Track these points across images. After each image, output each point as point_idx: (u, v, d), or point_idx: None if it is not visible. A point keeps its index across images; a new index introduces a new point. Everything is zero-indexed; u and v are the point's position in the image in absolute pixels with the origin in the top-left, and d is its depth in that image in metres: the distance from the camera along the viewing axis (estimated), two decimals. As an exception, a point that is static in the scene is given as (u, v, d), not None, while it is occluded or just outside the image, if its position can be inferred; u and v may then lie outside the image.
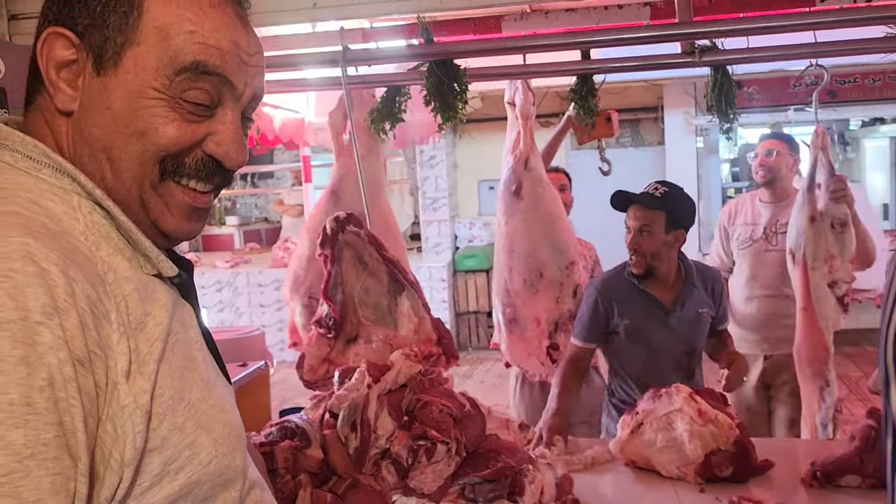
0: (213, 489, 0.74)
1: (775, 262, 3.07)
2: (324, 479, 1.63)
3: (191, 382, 0.74)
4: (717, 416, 1.89)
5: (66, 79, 0.74)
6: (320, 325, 2.17)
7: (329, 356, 2.18)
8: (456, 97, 2.25)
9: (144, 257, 0.75)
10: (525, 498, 1.60)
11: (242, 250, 8.88)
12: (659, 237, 2.37)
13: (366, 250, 2.24)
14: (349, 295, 2.22)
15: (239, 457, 0.78)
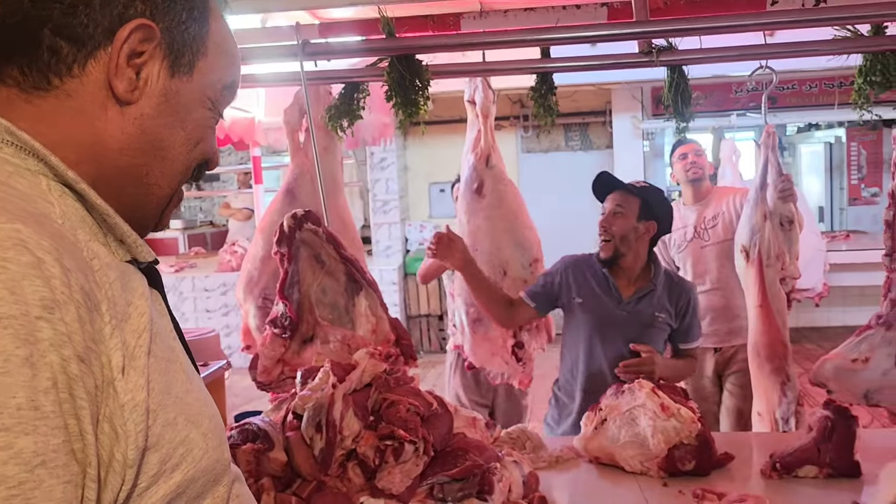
0: (205, 485, 0.71)
1: (713, 256, 3.25)
2: (287, 482, 1.58)
3: (174, 375, 0.70)
4: (680, 411, 1.91)
5: (133, 70, 0.72)
6: (275, 325, 2.12)
7: (284, 357, 2.13)
8: (418, 93, 2.22)
9: (118, 242, 0.71)
10: (494, 496, 1.58)
11: (187, 255, 8.66)
12: (630, 221, 2.39)
13: (323, 249, 2.19)
14: (305, 294, 2.17)
15: (226, 450, 0.76)
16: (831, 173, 8.67)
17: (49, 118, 0.69)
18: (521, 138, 8.37)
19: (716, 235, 3.26)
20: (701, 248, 3.29)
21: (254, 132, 4.59)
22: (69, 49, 0.69)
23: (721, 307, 3.23)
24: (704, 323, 3.24)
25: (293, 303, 2.14)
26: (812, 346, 6.98)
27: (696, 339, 2.55)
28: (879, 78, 2.26)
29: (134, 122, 0.73)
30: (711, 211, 3.30)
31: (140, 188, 0.75)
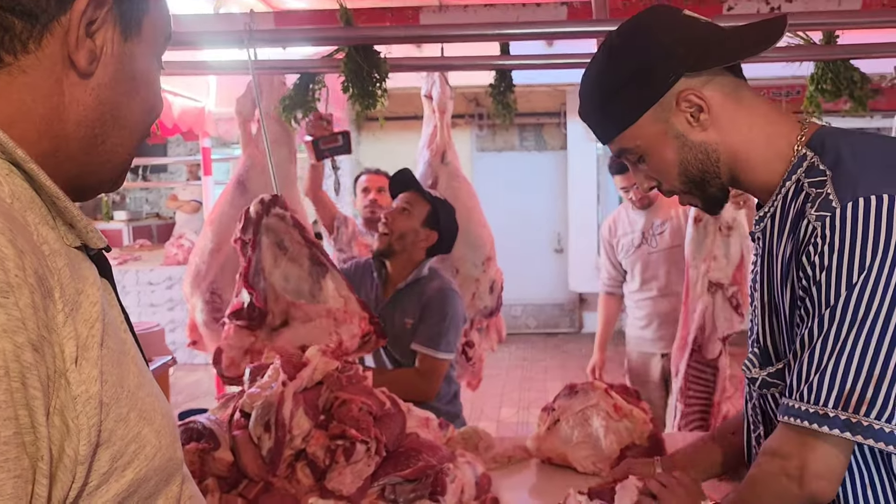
0: (158, 485, 0.68)
1: (661, 262, 3.24)
2: (233, 483, 1.53)
3: (127, 368, 0.66)
4: (633, 411, 1.91)
5: (91, 41, 0.68)
6: (239, 317, 2.05)
7: (253, 347, 2.05)
8: (375, 85, 2.18)
9: (68, 227, 0.66)
10: (447, 497, 1.55)
11: (131, 247, 8.42)
12: (413, 223, 2.35)
13: (287, 234, 2.13)
14: (269, 282, 2.11)
15: (178, 448, 0.72)
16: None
17: (2, 95, 0.65)
18: (476, 137, 8.37)
19: (664, 241, 3.24)
20: (649, 255, 3.28)
21: (204, 122, 4.46)
22: (23, 26, 0.64)
23: (667, 312, 3.23)
24: (651, 328, 3.28)
25: (259, 291, 2.07)
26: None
27: (433, 345, 2.31)
28: (830, 86, 2.31)
29: (91, 92, 0.69)
30: (660, 217, 3.28)
31: (97, 156, 0.72)
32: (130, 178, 9.93)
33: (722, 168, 1.17)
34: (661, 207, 3.30)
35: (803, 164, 1.10)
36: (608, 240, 3.45)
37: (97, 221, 9.46)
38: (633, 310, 3.40)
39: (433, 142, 2.68)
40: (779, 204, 1.13)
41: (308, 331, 2.02)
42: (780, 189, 1.13)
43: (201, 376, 6.55)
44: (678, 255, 3.16)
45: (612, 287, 3.48)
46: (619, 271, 3.43)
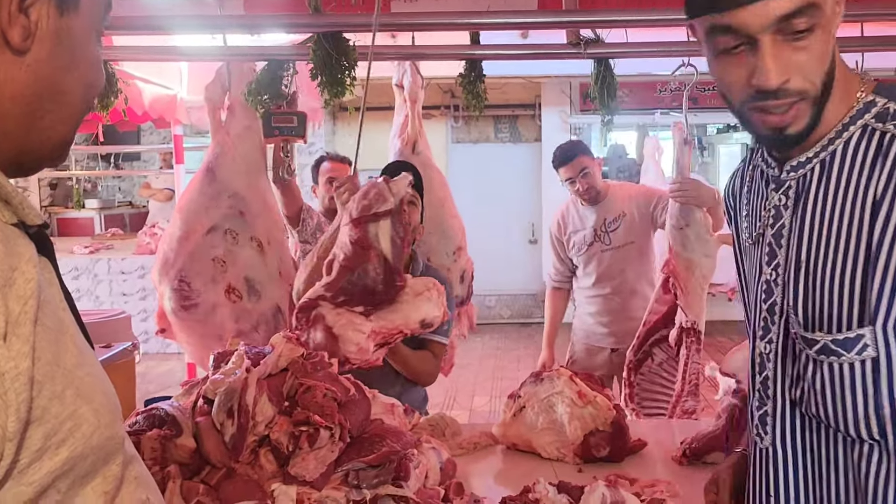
0: (95, 463, 0.67)
1: (615, 260, 3.17)
2: (195, 469, 1.52)
3: (64, 347, 0.65)
4: (597, 398, 1.94)
5: (24, 16, 0.67)
6: (353, 301, 1.94)
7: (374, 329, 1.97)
8: (344, 73, 2.17)
9: (3, 203, 0.65)
10: (410, 483, 1.56)
11: (103, 235, 8.32)
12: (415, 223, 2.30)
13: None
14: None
15: (119, 428, 0.72)
16: (747, 173, 9.02)
17: None
18: (452, 128, 8.37)
19: (617, 239, 3.16)
20: (602, 252, 3.20)
21: (175, 110, 4.42)
22: None
23: (619, 309, 3.19)
24: (603, 324, 3.24)
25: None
26: (724, 339, 7.26)
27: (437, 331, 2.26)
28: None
29: (27, 69, 0.68)
30: (612, 213, 3.18)
31: (35, 133, 0.71)
32: (102, 166, 9.80)
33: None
34: (614, 203, 3.19)
35: (871, 109, 1.05)
36: (557, 236, 3.35)
37: (67, 210, 9.33)
38: (584, 304, 3.32)
39: (404, 131, 2.67)
40: (838, 149, 1.05)
41: (416, 307, 1.98)
42: (841, 134, 1.05)
43: (174, 365, 6.50)
44: (632, 252, 3.14)
45: (559, 282, 3.40)
46: (567, 266, 3.35)
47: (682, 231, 2.60)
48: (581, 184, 3.14)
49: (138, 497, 0.74)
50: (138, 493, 0.74)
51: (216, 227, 2.57)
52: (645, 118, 7.48)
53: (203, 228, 2.57)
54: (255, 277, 2.60)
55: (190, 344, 2.66)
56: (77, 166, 9.36)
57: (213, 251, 2.56)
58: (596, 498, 1.39)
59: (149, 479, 0.79)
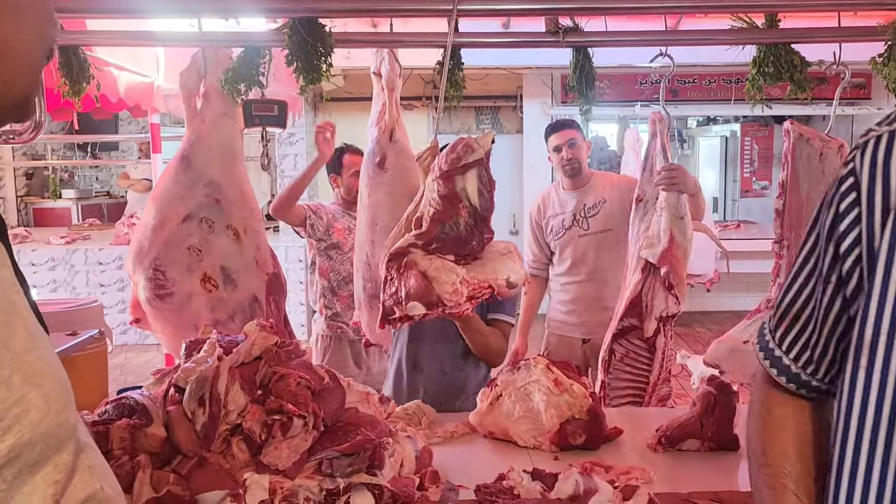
0: (45, 451, 0.65)
1: (590, 246, 3.16)
2: (166, 459, 1.51)
3: (14, 330, 0.63)
4: (573, 386, 1.94)
5: None
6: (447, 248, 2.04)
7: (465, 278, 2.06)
8: (320, 59, 2.14)
9: None
10: (384, 471, 1.55)
11: (80, 226, 8.22)
12: None
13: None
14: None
15: (71, 415, 0.69)
16: (726, 166, 9.09)
17: None
18: (432, 119, 8.34)
19: (596, 225, 3.15)
20: (579, 238, 3.18)
21: (152, 98, 4.35)
22: None
23: (592, 298, 3.18)
24: (575, 314, 3.23)
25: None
26: (702, 330, 7.33)
27: (506, 311, 2.42)
28: (772, 69, 2.35)
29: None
30: (592, 199, 3.18)
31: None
32: (79, 156, 9.66)
33: None
34: (595, 189, 3.20)
35: None
36: (536, 220, 3.34)
37: (44, 200, 9.21)
38: (558, 293, 3.32)
39: (382, 119, 2.65)
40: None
41: (503, 264, 2.03)
42: None
43: (153, 356, 6.45)
44: (609, 240, 3.12)
45: (536, 269, 3.37)
46: (544, 253, 3.34)
47: (682, 220, 2.62)
48: (567, 152, 3.17)
49: (92, 486, 0.72)
50: (92, 482, 0.72)
51: (192, 216, 2.54)
52: (626, 110, 7.50)
53: (178, 217, 2.53)
54: (232, 266, 2.57)
55: (165, 334, 2.63)
56: (53, 156, 9.22)
57: (189, 240, 2.53)
58: (570, 485, 1.39)
59: (103, 467, 0.77)
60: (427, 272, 2.00)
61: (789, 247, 2.75)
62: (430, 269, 2.00)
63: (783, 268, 2.71)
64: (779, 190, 2.72)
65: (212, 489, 1.41)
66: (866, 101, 7.76)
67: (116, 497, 0.76)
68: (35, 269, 6.72)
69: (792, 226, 2.73)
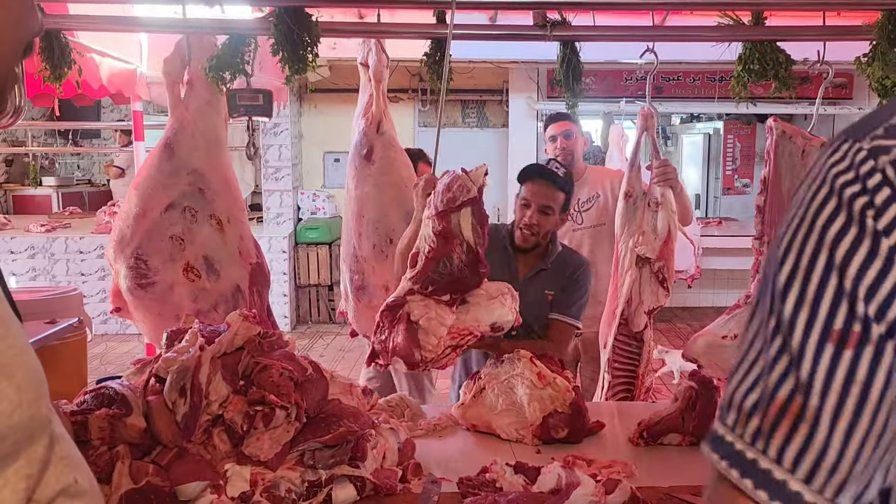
0: (17, 444, 0.63)
1: (584, 240, 3.18)
2: (146, 449, 1.49)
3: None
4: (556, 380, 1.95)
5: None
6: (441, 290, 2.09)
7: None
8: (306, 49, 2.13)
9: None
10: (367, 463, 1.55)
11: (61, 214, 8.11)
12: (555, 218, 2.38)
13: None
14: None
15: (44, 405, 0.67)
16: (709, 163, 9.15)
17: None
18: (419, 112, 8.32)
19: (589, 219, 3.16)
20: (573, 231, 3.18)
21: (135, 85, 4.30)
22: None
23: None
24: None
25: None
26: (683, 325, 7.38)
27: (573, 314, 2.44)
28: (757, 66, 2.36)
29: None
30: (586, 193, 3.19)
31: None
32: (60, 143, 9.55)
33: None
34: (589, 184, 3.22)
35: None
36: None
37: (24, 187, 9.09)
38: None
39: (369, 111, 2.64)
40: None
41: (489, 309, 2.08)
42: None
43: (134, 346, 6.39)
44: (602, 234, 3.14)
45: None
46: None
47: (675, 215, 2.66)
48: (562, 142, 3.20)
49: (65, 479, 0.70)
50: (65, 474, 0.71)
51: (175, 205, 2.51)
52: (610, 106, 7.52)
53: (161, 206, 2.50)
54: (215, 256, 2.55)
55: (146, 323, 2.60)
56: (34, 143, 9.10)
57: (172, 229, 2.50)
58: (552, 479, 1.39)
59: (77, 459, 0.75)
60: (419, 321, 2.07)
61: (769, 243, 2.78)
62: (422, 318, 2.07)
63: (762, 263, 2.74)
64: (760, 186, 2.75)
65: (192, 480, 1.40)
66: (848, 100, 7.83)
67: (90, 490, 0.74)
68: (14, 256, 6.63)
69: (773, 222, 2.76)
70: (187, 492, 1.38)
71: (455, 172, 2.20)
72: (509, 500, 1.34)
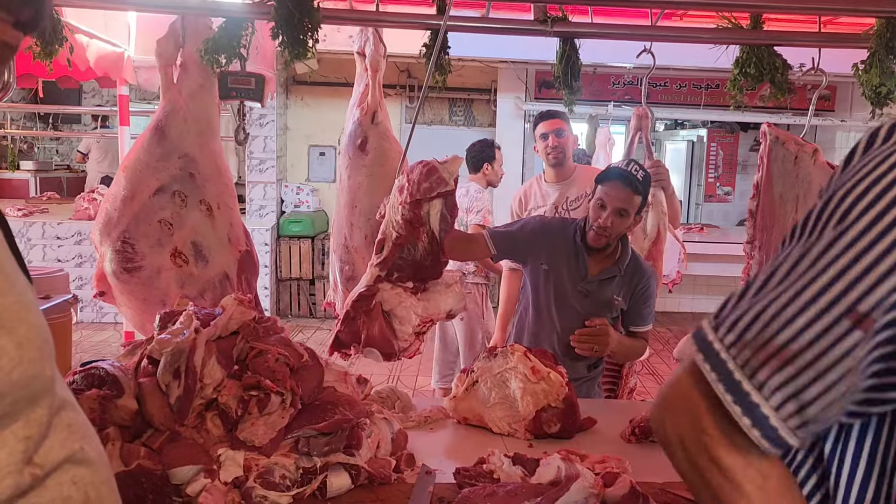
0: (16, 404, 0.60)
1: None
2: (137, 432, 1.46)
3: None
4: (550, 374, 1.94)
5: None
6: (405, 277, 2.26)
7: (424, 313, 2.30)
8: (307, 34, 2.10)
9: None
10: (362, 452, 1.53)
11: (38, 199, 7.97)
12: (629, 220, 2.35)
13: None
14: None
15: (48, 366, 0.65)
16: (691, 170, 9.22)
17: None
18: (406, 108, 8.28)
19: (577, 216, 3.11)
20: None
21: (122, 68, 4.23)
22: None
23: None
24: None
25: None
26: (662, 330, 7.43)
27: (648, 322, 2.51)
28: (754, 70, 2.38)
29: None
30: (575, 192, 3.18)
31: None
32: (40, 127, 9.38)
33: None
34: (577, 183, 3.22)
35: None
36: (517, 212, 3.34)
37: (2, 171, 8.92)
38: None
39: (364, 101, 2.61)
40: None
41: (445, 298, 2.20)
42: None
43: (110, 335, 6.30)
44: None
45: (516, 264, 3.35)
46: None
47: (665, 216, 2.66)
48: (553, 140, 3.19)
49: (70, 446, 0.68)
50: (70, 441, 0.68)
51: (164, 189, 2.47)
52: (598, 109, 7.55)
53: (150, 189, 2.46)
54: (203, 242, 2.52)
55: (131, 308, 2.55)
56: (13, 126, 8.93)
57: (160, 213, 2.46)
58: (551, 470, 1.38)
59: (85, 427, 0.72)
60: (394, 311, 2.14)
61: (760, 247, 2.80)
62: (397, 307, 2.15)
63: (754, 267, 2.76)
64: (753, 191, 2.77)
65: (184, 464, 1.37)
66: (830, 112, 7.94)
67: (97, 459, 0.72)
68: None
69: (764, 227, 2.78)
70: (180, 475, 1.35)
71: (429, 162, 2.18)
72: (508, 490, 1.33)
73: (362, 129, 2.60)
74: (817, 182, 2.59)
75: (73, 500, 0.66)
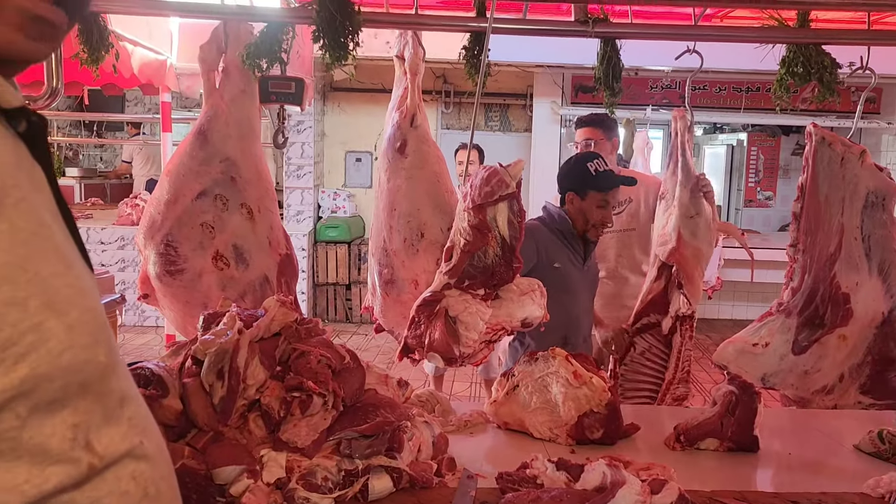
0: (67, 390, 0.59)
1: (612, 244, 3.15)
2: (181, 432, 1.47)
3: (41, 252, 0.59)
4: (592, 379, 1.91)
5: None
6: (476, 284, 2.20)
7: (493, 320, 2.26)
8: (347, 37, 2.11)
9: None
10: (403, 455, 1.52)
11: (83, 204, 8.16)
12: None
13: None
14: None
15: (102, 352, 0.63)
16: (731, 175, 9.07)
17: None
18: (442, 114, 8.30)
19: (619, 222, 3.13)
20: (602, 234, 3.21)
21: (165, 76, 4.31)
22: None
23: (611, 295, 3.15)
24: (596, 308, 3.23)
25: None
26: (702, 337, 7.30)
27: None
28: (801, 69, 2.32)
29: None
30: (619, 196, 3.09)
31: None
32: (85, 134, 9.62)
33: None
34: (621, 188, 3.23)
35: None
36: None
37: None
38: None
39: (403, 104, 2.61)
40: None
41: (521, 304, 2.17)
42: None
43: (151, 338, 6.40)
44: (631, 239, 3.11)
45: None
46: None
47: (692, 220, 2.61)
48: (584, 150, 3.16)
49: (131, 440, 0.67)
50: (131, 435, 0.68)
51: (206, 192, 2.50)
52: (636, 113, 7.47)
53: (192, 193, 2.49)
54: (244, 245, 2.54)
55: (173, 311, 2.58)
56: (59, 133, 9.17)
57: (202, 216, 2.49)
58: (596, 476, 1.35)
59: (147, 422, 0.72)
60: (459, 317, 2.12)
61: (804, 251, 2.72)
62: (462, 313, 2.13)
63: (797, 271, 2.69)
64: (797, 193, 2.70)
65: (228, 464, 1.38)
66: (876, 115, 7.74)
67: (158, 454, 0.72)
68: (35, 245, 6.67)
69: (808, 230, 2.70)
70: (223, 475, 1.35)
71: (492, 167, 2.19)
72: (552, 496, 1.31)
73: (401, 132, 2.60)
74: (864, 184, 2.51)
75: (130, 495, 0.65)
